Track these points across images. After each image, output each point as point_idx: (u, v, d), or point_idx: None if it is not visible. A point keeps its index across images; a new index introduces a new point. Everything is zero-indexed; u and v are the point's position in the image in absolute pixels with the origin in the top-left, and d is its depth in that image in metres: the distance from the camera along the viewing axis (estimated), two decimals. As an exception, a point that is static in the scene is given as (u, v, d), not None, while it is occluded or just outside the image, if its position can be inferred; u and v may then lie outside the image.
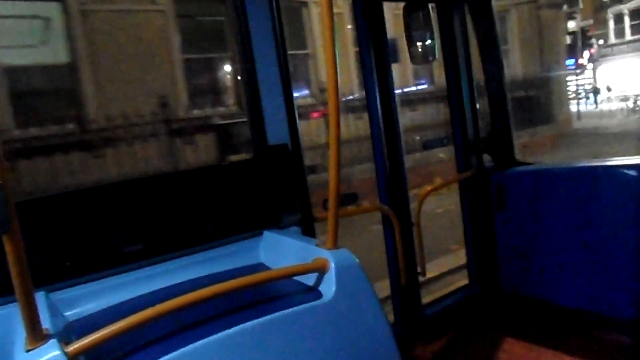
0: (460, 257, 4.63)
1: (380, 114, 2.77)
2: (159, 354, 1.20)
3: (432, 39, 2.82)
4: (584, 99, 23.86)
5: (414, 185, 3.12)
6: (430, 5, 2.89)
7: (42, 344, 1.12)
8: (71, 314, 1.61)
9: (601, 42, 33.53)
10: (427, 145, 3.20)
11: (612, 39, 33.43)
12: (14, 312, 1.23)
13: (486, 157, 3.22)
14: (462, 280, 3.55)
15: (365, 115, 2.82)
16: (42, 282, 1.56)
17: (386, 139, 2.79)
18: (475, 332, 2.93)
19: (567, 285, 2.77)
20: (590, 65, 27.97)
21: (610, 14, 33.90)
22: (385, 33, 2.79)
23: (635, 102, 23.90)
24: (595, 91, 24.48)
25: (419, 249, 2.92)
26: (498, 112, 3.19)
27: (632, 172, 2.49)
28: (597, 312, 2.59)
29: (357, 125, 11.57)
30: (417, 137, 9.82)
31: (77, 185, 8.66)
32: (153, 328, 1.27)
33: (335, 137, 1.46)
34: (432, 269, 5.00)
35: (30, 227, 1.15)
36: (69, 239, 1.73)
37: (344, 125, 7.68)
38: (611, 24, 34.10)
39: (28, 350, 1.11)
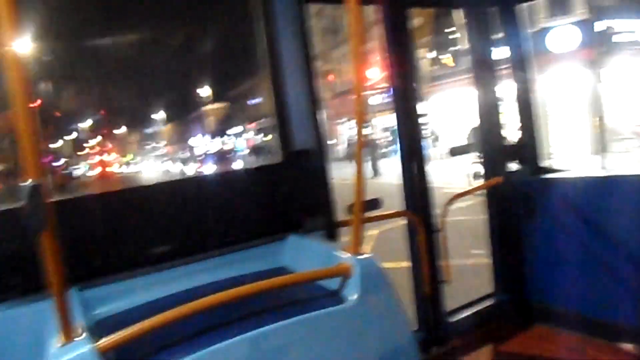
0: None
1: (406, 123, 2.77)
2: (185, 352, 1.24)
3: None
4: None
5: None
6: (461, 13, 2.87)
7: (74, 340, 1.17)
8: (101, 311, 1.66)
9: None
10: (454, 152, 3.17)
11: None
12: (47, 309, 1.28)
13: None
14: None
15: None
16: (74, 280, 1.61)
17: (411, 148, 2.79)
18: (499, 340, 2.88)
19: (597, 297, 2.69)
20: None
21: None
22: (411, 41, 2.78)
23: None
24: (435, 138, 16.54)
25: (444, 256, 2.89)
26: (526, 119, 3.14)
27: None
28: (627, 325, 2.52)
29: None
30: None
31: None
32: (179, 327, 1.30)
33: (360, 145, 1.49)
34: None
35: (64, 226, 1.19)
36: (100, 239, 1.79)
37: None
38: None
39: (61, 346, 1.16)
